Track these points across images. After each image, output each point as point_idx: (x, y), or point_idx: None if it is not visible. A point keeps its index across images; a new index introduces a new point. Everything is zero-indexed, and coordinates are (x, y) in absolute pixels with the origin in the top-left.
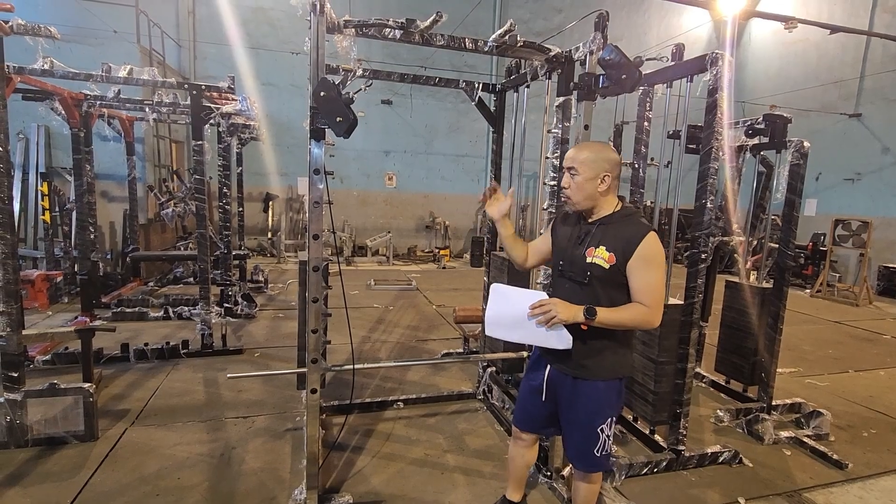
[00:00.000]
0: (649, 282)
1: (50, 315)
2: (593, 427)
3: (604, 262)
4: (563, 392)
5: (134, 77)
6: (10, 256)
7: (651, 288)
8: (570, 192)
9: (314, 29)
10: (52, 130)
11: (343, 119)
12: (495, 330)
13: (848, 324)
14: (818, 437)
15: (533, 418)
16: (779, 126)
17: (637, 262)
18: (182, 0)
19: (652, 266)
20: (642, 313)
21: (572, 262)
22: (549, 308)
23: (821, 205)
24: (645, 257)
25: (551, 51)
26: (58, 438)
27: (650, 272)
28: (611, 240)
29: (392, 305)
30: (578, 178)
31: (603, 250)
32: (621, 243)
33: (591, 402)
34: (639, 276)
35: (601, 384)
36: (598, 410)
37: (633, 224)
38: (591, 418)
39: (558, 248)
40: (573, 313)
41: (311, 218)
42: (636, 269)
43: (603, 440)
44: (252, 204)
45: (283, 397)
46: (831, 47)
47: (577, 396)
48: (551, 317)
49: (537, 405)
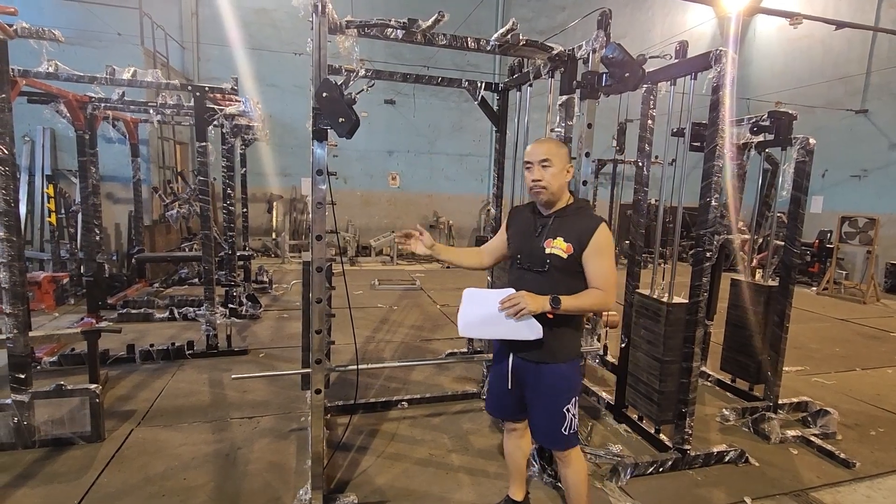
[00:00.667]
0: (603, 268)
1: (56, 317)
2: (559, 408)
3: (562, 252)
4: (528, 378)
5: (138, 79)
6: (16, 259)
7: (605, 274)
8: (545, 183)
9: (316, 30)
10: (58, 133)
11: (345, 120)
12: (469, 330)
13: (855, 321)
14: (825, 435)
15: (504, 405)
16: (784, 123)
17: (592, 251)
18: (185, 2)
19: (605, 254)
20: (600, 297)
21: (531, 254)
22: (517, 301)
23: (827, 202)
24: (599, 247)
25: (553, 49)
26: (65, 439)
27: (604, 260)
28: (567, 231)
29: (396, 305)
30: (553, 169)
31: (561, 241)
32: (577, 234)
33: (556, 384)
34: (594, 264)
35: (563, 367)
36: (562, 392)
37: (586, 216)
38: (556, 400)
39: (515, 243)
40: (540, 304)
41: (314, 219)
42: (591, 258)
43: (569, 419)
44: (256, 205)
45: (287, 398)
46: (837, 43)
47: (542, 380)
48: (520, 309)
49: (505, 393)
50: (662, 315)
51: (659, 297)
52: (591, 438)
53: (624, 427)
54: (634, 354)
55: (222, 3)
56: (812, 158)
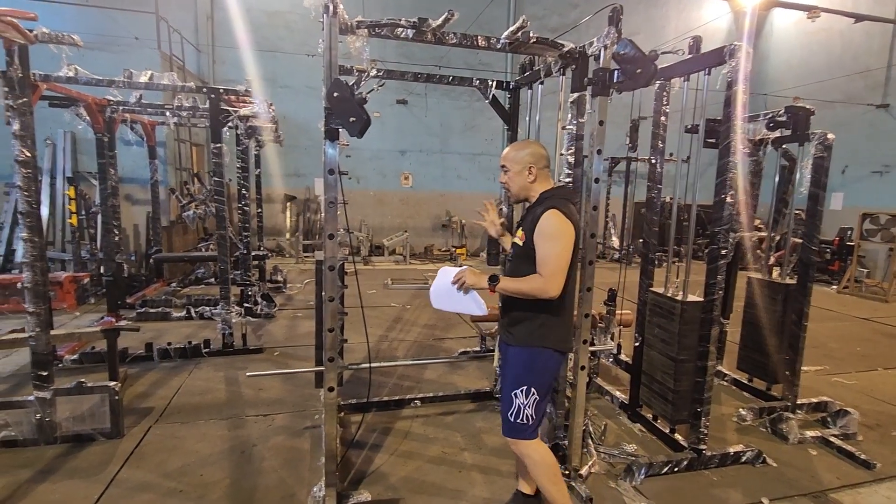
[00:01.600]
0: (544, 254)
1: (78, 315)
2: (508, 390)
3: (519, 240)
4: (504, 357)
5: (155, 82)
6: (38, 258)
7: (546, 259)
8: (507, 185)
9: (327, 30)
10: (78, 136)
11: (356, 119)
12: (435, 301)
13: (877, 320)
14: (845, 436)
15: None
16: (801, 118)
17: (537, 237)
18: (201, 6)
19: (548, 240)
20: (537, 282)
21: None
22: (460, 276)
23: (847, 198)
24: (542, 232)
25: (564, 46)
26: (85, 435)
27: (545, 245)
28: (526, 221)
29: (409, 304)
30: (509, 172)
31: (520, 231)
32: (531, 223)
33: (512, 366)
34: (538, 249)
35: (521, 350)
36: (516, 375)
37: (540, 205)
38: (510, 381)
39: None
40: (478, 280)
41: (326, 218)
42: (537, 244)
43: (517, 406)
44: (270, 205)
45: (302, 395)
46: (856, 36)
47: (506, 360)
48: (461, 283)
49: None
50: (677, 313)
51: (673, 295)
52: (605, 437)
53: (638, 426)
54: (648, 353)
55: (236, 7)
56: (830, 154)
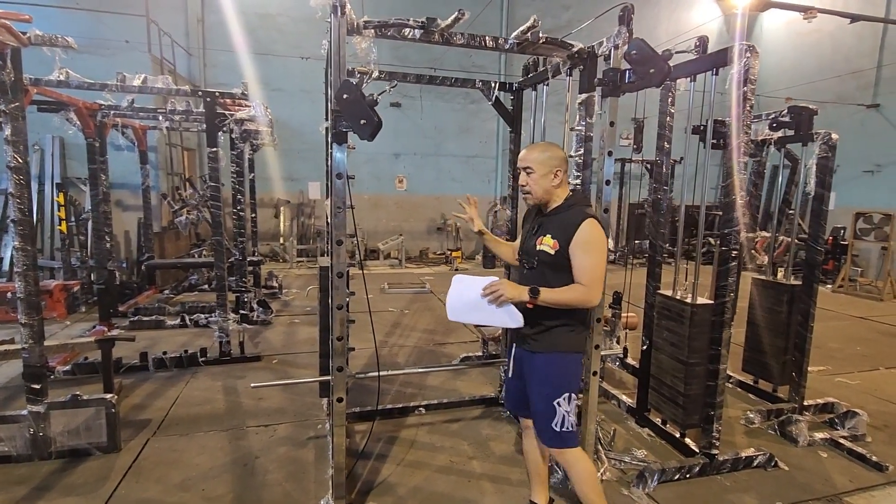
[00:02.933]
0: (586, 264)
1: (68, 325)
2: (548, 400)
3: (549, 248)
4: (525, 368)
5: (148, 85)
6: (31, 268)
7: (588, 269)
8: (529, 188)
9: (335, 30)
10: (67, 141)
11: (367, 122)
12: (456, 314)
13: (874, 319)
14: (854, 437)
15: (514, 399)
16: (804, 118)
17: (576, 246)
18: (191, 9)
19: (589, 250)
20: (581, 292)
21: (527, 251)
22: (497, 288)
23: (840, 198)
24: (582, 242)
25: (574, 47)
26: (81, 450)
27: (587, 255)
28: (555, 228)
29: (407, 309)
30: (534, 175)
31: (549, 238)
32: (563, 230)
33: (544, 373)
34: (578, 259)
35: (555, 356)
36: (549, 382)
37: (573, 212)
38: (544, 390)
39: (521, 242)
40: (518, 293)
41: (334, 223)
42: (576, 254)
43: (561, 415)
44: (263, 210)
45: (303, 405)
46: (847, 37)
47: (534, 370)
48: (499, 296)
49: (513, 384)
50: (686, 316)
51: (682, 297)
52: (613, 443)
53: (647, 431)
54: (657, 357)
55: (228, 10)
56: (835, 154)
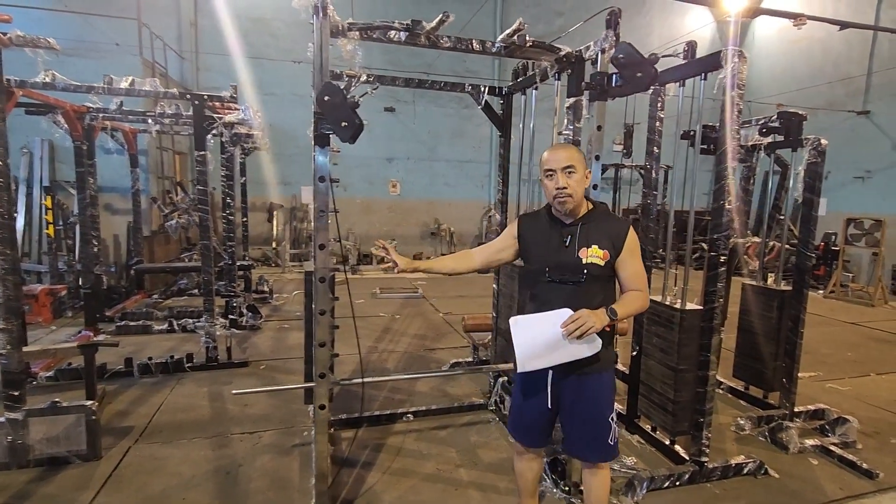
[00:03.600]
0: (638, 270)
1: (54, 330)
2: (605, 417)
3: (600, 259)
4: (567, 392)
5: (136, 88)
6: (10, 272)
7: (641, 275)
8: (571, 190)
9: (317, 32)
10: (56, 144)
11: (349, 124)
12: (529, 363)
13: (865, 325)
14: (845, 444)
15: (534, 431)
16: (794, 124)
17: (626, 254)
18: (184, 12)
19: (638, 256)
20: (642, 298)
21: (563, 266)
22: (583, 321)
23: (831, 203)
24: (632, 250)
25: (561, 50)
26: (60, 458)
27: (637, 262)
28: (599, 238)
29: (398, 314)
30: (577, 175)
31: (596, 249)
32: (611, 240)
33: (599, 393)
34: (630, 267)
35: (605, 375)
36: (607, 401)
37: (614, 221)
38: (602, 409)
39: (538, 255)
40: (602, 319)
41: (316, 227)
42: (627, 262)
43: (614, 428)
44: (256, 214)
45: (289, 411)
46: (837, 44)
47: (584, 391)
48: (588, 328)
49: (540, 414)
50: (676, 322)
51: (671, 303)
52: None
53: (637, 438)
54: (647, 363)
55: (221, 14)
56: (824, 159)
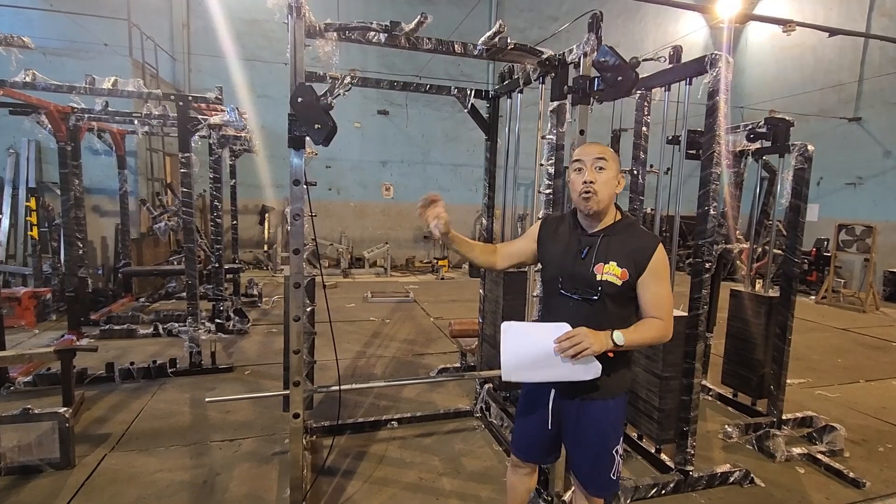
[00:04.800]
0: (662, 295)
1: (37, 333)
2: (608, 449)
3: (616, 279)
4: (569, 415)
5: (118, 88)
6: None
7: (665, 301)
8: (597, 186)
9: (292, 32)
10: (43, 145)
11: (321, 126)
12: (515, 373)
13: (856, 331)
14: (832, 453)
15: (535, 448)
16: (781, 130)
17: (650, 276)
18: (176, 13)
19: (663, 279)
20: (661, 328)
21: (576, 279)
22: (579, 340)
23: (823, 209)
24: (657, 271)
25: (543, 53)
26: (32, 467)
27: (662, 285)
28: (620, 254)
29: (389, 318)
30: (607, 173)
31: (614, 266)
32: (633, 257)
33: (603, 422)
34: (652, 290)
35: (611, 402)
36: (610, 430)
37: (640, 235)
38: (604, 439)
39: (553, 263)
40: (604, 343)
41: (291, 232)
42: (649, 283)
43: (617, 461)
44: (248, 216)
45: (272, 418)
46: (828, 51)
47: (585, 417)
48: (583, 349)
49: (542, 433)
50: None
51: None
52: None
53: (623, 446)
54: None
55: (214, 15)
56: (811, 165)
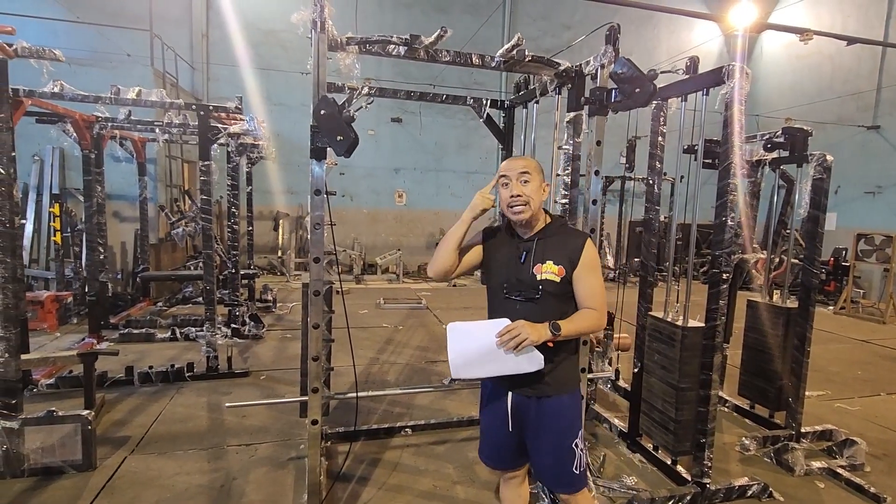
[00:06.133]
0: (595, 285)
1: (58, 336)
2: (568, 445)
3: (555, 276)
4: (528, 416)
5: (142, 98)
6: (10, 280)
7: (597, 292)
8: (526, 197)
9: (315, 46)
10: (67, 152)
11: (343, 138)
12: (463, 370)
13: (876, 343)
14: (853, 467)
15: (502, 453)
16: (799, 139)
17: (582, 269)
18: (196, 24)
19: (595, 271)
20: (595, 317)
21: (519, 282)
22: (518, 332)
23: (841, 218)
24: (588, 264)
25: (560, 65)
26: (55, 468)
27: (594, 277)
28: (555, 253)
29: (402, 325)
30: (532, 184)
31: (551, 265)
32: (566, 254)
33: (561, 418)
34: (586, 283)
35: (566, 398)
36: (569, 426)
37: (571, 234)
38: (563, 436)
39: (497, 270)
40: (541, 332)
41: (312, 240)
42: (583, 277)
43: (579, 455)
44: (262, 222)
45: (287, 423)
46: (846, 59)
47: (544, 416)
48: (521, 340)
49: (505, 438)
50: (677, 339)
51: (673, 319)
52: (603, 469)
53: (638, 457)
54: (648, 380)
55: (232, 26)
56: (830, 175)
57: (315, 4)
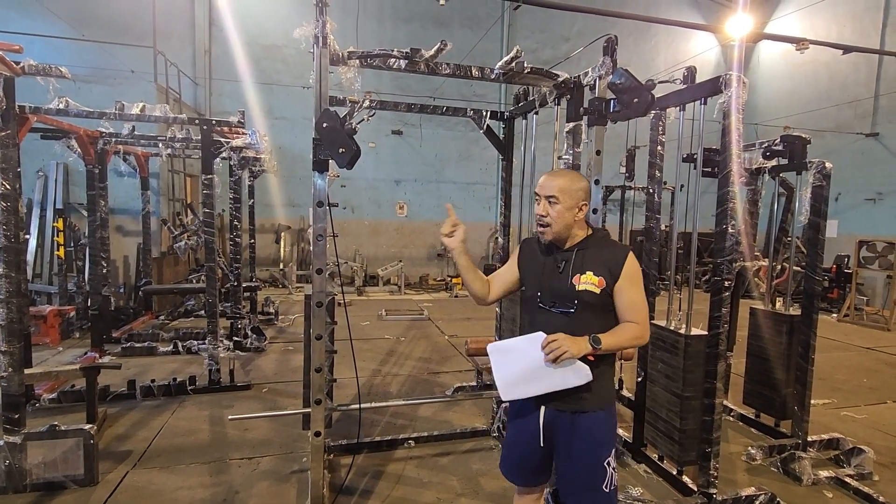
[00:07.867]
0: (636, 300)
1: (61, 351)
2: (600, 462)
3: (595, 287)
4: (561, 431)
5: (146, 114)
6: (14, 294)
7: (640, 305)
8: (549, 220)
9: (317, 61)
10: (71, 168)
11: (345, 150)
12: (512, 391)
13: (881, 350)
14: (861, 476)
15: (525, 469)
16: (798, 147)
17: (624, 281)
18: (198, 40)
19: (637, 284)
20: (638, 331)
21: (556, 293)
22: (558, 344)
23: (842, 225)
24: (630, 277)
25: (559, 77)
26: (57, 483)
27: (636, 290)
28: (595, 264)
29: (404, 336)
30: (559, 206)
31: (591, 275)
32: (607, 266)
33: (595, 435)
34: (627, 296)
35: (602, 414)
36: (602, 443)
37: (612, 246)
38: (596, 453)
39: (532, 279)
40: (581, 346)
41: (314, 252)
42: (624, 289)
43: (610, 474)
44: (264, 235)
45: (290, 436)
46: (843, 67)
47: (578, 432)
48: (561, 352)
49: (533, 453)
50: (680, 348)
51: (676, 328)
52: None
53: (644, 468)
54: (652, 389)
55: (234, 42)
56: (829, 182)
57: (317, 20)
